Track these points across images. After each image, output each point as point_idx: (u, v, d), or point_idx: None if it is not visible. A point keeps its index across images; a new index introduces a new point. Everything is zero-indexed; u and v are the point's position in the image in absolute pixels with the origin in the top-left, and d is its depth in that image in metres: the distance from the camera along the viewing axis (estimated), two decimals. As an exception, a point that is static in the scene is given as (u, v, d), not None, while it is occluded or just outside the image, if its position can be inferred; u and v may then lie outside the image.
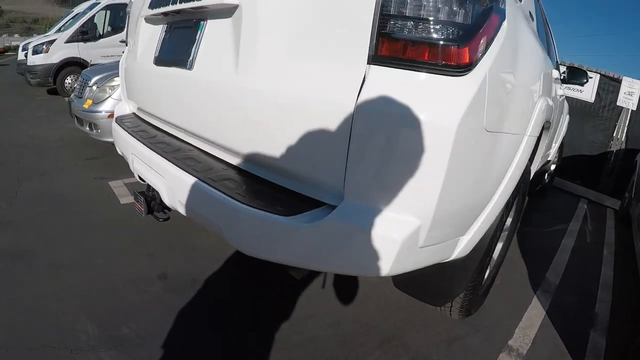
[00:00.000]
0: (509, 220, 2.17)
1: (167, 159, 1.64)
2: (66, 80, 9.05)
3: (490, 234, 1.55)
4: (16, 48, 18.35)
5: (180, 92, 1.78)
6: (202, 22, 1.67)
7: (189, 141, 1.80)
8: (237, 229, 1.28)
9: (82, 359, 1.72)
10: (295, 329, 1.98)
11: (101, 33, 9.18)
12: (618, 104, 6.68)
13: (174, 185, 1.54)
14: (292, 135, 1.22)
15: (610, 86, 6.81)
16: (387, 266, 1.13)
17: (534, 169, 2.50)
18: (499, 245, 2.21)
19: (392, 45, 1.06)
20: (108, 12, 9.28)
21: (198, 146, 1.72)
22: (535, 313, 2.44)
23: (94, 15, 9.08)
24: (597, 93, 6.85)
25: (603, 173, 6.90)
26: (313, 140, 1.17)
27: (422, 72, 1.07)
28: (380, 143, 1.08)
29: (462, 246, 1.42)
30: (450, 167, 1.09)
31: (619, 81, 6.69)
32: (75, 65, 9.01)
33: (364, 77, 1.09)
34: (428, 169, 1.08)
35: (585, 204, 5.42)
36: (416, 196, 1.10)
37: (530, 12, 2.00)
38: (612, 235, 4.28)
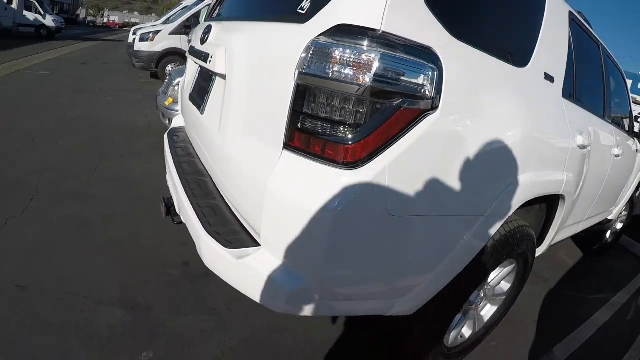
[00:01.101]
0: (505, 285, 2.36)
1: (180, 179, 2.13)
2: (167, 68, 10.26)
3: (442, 302, 1.79)
4: (134, 24, 20.60)
5: (197, 128, 2.29)
6: (213, 77, 2.14)
7: (205, 167, 2.24)
8: (200, 247, 1.69)
9: (101, 310, 2.30)
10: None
11: (202, 28, 10.29)
12: None
13: (178, 200, 2.03)
14: (241, 190, 1.63)
15: None
16: (278, 306, 1.44)
17: (548, 240, 2.58)
18: (490, 308, 2.40)
19: (299, 136, 1.35)
20: (212, 9, 10.35)
21: (210, 173, 2.20)
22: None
23: (199, 11, 10.18)
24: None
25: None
26: (249, 197, 1.55)
27: (312, 161, 1.33)
28: (282, 214, 1.38)
29: (401, 306, 1.64)
30: (330, 244, 1.32)
31: None
32: (177, 55, 10.19)
33: (279, 159, 1.40)
34: (311, 245, 1.34)
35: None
36: (306, 261, 1.38)
37: (547, 74, 2.03)
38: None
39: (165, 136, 2.72)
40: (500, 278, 2.25)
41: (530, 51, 1.89)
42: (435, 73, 1.31)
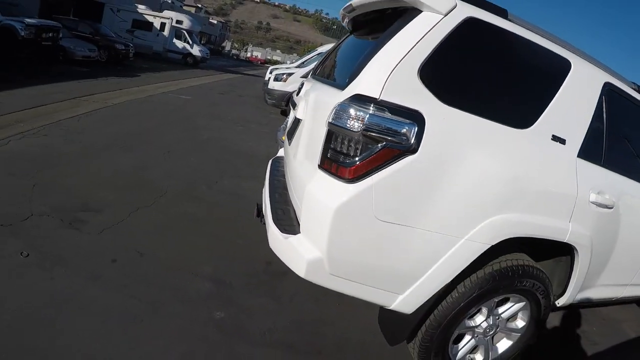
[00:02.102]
0: (521, 323, 2.75)
1: (270, 190, 3.01)
2: (295, 107, 11.63)
3: (442, 311, 2.36)
4: (275, 62, 23.04)
5: (287, 156, 3.22)
6: (299, 120, 2.95)
7: (287, 183, 3.08)
8: (268, 232, 2.52)
9: (195, 280, 3.16)
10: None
11: (330, 75, 11.66)
12: None
13: (264, 205, 2.90)
14: (296, 193, 2.52)
15: None
16: (301, 272, 2.17)
17: (570, 291, 2.85)
18: (505, 342, 2.81)
19: (326, 161, 2.14)
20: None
21: (288, 187, 2.99)
22: None
23: (328, 59, 11.49)
24: None
25: None
26: (300, 198, 2.36)
27: (331, 176, 2.09)
28: (311, 208, 2.19)
29: (402, 304, 2.26)
30: (333, 228, 2.02)
31: None
32: (305, 96, 11.58)
33: (315, 174, 2.20)
34: (322, 227, 2.07)
35: None
36: (320, 240, 2.11)
37: (556, 136, 2.46)
38: None
39: (270, 161, 3.65)
40: (511, 312, 2.67)
41: (536, 116, 2.40)
42: (415, 128, 2.00)
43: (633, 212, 2.99)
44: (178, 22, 27.16)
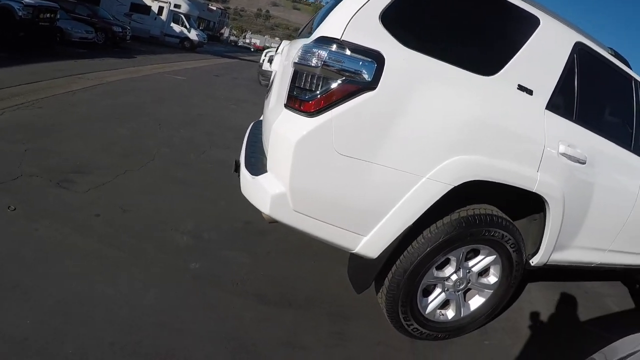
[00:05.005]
0: (492, 279, 2.82)
1: (246, 145, 3.16)
2: (288, 87, 11.74)
3: (408, 257, 2.43)
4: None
5: (264, 109, 3.31)
6: (274, 74, 3.16)
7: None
8: (240, 178, 2.61)
9: (175, 234, 3.25)
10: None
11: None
12: None
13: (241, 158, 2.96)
14: (266, 135, 2.60)
15: None
16: (267, 208, 2.25)
17: (543, 248, 2.87)
18: (477, 298, 2.87)
19: (291, 99, 2.20)
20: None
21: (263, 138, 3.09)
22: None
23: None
24: None
25: None
26: (267, 138, 2.43)
27: (295, 112, 2.17)
28: (276, 143, 2.27)
29: (365, 246, 2.32)
30: (294, 161, 2.11)
31: None
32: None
33: (281, 113, 2.26)
34: (284, 161, 2.16)
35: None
36: (283, 174, 2.19)
37: (522, 86, 2.53)
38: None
39: (252, 123, 3.73)
40: (482, 266, 2.73)
41: (501, 65, 2.46)
42: (374, 66, 2.09)
43: (610, 172, 3.05)
44: (176, 6, 26.89)
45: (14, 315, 2.19)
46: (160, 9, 25.99)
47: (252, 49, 57.43)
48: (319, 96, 2.11)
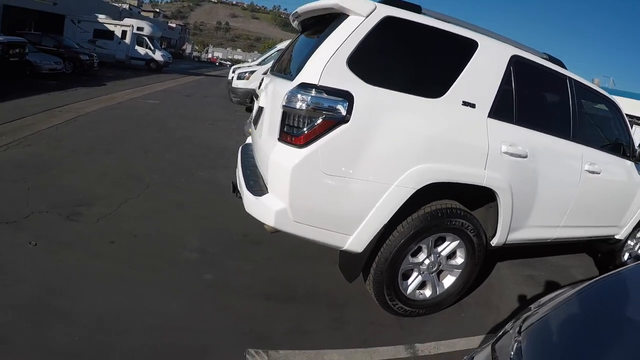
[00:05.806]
0: (460, 260, 3.31)
1: (242, 167, 3.50)
2: (259, 103, 12.09)
3: (387, 248, 2.91)
4: (237, 61, 23.16)
5: (253, 138, 3.77)
6: (262, 108, 3.44)
7: (256, 160, 3.58)
8: (244, 198, 3.00)
9: (183, 251, 3.63)
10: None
11: (290, 70, 12.15)
12: None
13: (238, 180, 3.37)
14: (262, 163, 3.02)
15: None
16: (272, 222, 2.69)
17: (499, 230, 3.37)
18: (449, 278, 3.37)
19: (283, 135, 2.66)
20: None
21: (256, 163, 3.50)
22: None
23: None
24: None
25: None
26: (265, 166, 2.86)
27: (287, 145, 2.62)
28: (275, 170, 2.70)
29: (352, 243, 2.79)
30: (291, 183, 2.57)
31: None
32: (267, 91, 12.05)
33: (275, 146, 2.71)
34: (283, 183, 2.61)
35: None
36: (283, 193, 2.64)
37: (466, 102, 3.00)
38: None
39: (240, 147, 4.15)
40: (449, 250, 3.22)
41: (446, 87, 2.94)
42: (346, 103, 2.56)
43: (552, 161, 3.55)
44: (139, 29, 27.01)
45: (62, 334, 2.54)
46: (124, 32, 26.16)
47: (217, 64, 57.62)
48: (306, 132, 2.58)
